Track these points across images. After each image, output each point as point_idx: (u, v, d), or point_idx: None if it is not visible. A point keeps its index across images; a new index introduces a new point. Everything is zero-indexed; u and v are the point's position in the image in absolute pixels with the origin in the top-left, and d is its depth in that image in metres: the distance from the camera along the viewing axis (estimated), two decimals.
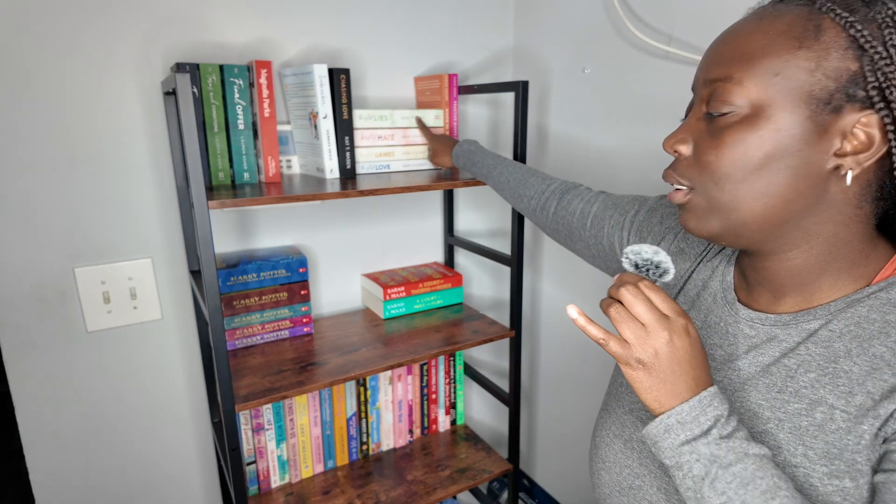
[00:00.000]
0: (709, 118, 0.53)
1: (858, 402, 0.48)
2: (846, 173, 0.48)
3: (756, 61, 0.49)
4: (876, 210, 0.51)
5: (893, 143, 0.46)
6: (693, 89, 0.56)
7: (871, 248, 0.52)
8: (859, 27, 0.45)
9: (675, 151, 0.56)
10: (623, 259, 0.59)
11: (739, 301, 0.61)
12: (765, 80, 0.48)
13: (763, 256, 0.55)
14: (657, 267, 0.57)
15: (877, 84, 0.45)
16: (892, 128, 0.46)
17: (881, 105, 0.46)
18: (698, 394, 0.51)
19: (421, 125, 1.23)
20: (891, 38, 0.45)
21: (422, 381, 1.39)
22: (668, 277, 0.57)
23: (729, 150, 0.51)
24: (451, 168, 1.25)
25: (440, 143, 1.20)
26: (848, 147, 0.47)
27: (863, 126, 0.46)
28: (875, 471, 0.47)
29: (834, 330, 0.52)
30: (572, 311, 0.55)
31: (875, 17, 0.45)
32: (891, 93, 0.45)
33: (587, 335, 0.52)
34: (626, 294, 0.53)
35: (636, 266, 0.57)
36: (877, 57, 0.45)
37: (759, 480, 0.47)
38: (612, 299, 0.55)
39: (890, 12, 0.45)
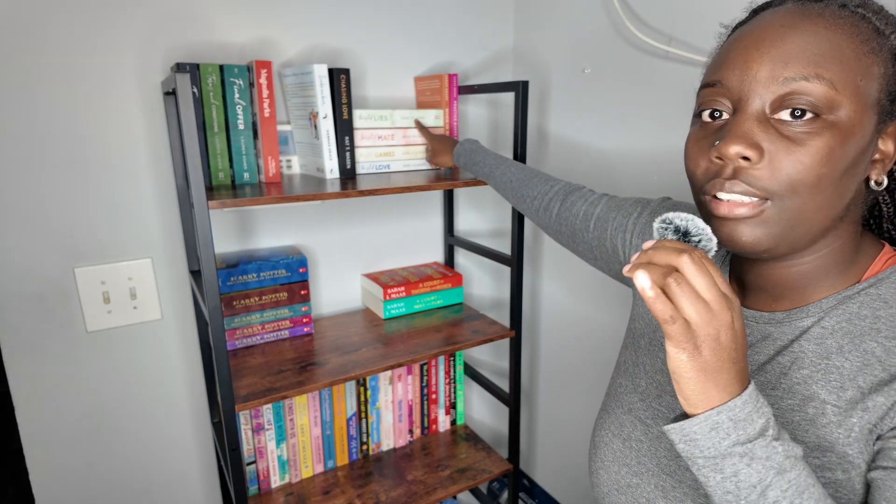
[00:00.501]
0: (777, 121, 0.47)
1: (849, 397, 0.49)
2: (881, 179, 0.50)
3: (842, 63, 0.45)
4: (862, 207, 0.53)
5: None
6: (726, 86, 0.50)
7: (859, 245, 0.54)
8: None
9: (745, 158, 0.47)
10: (661, 225, 0.50)
11: None
12: (852, 84, 0.45)
13: (777, 263, 0.54)
14: (710, 239, 0.48)
15: None
16: None
17: None
18: (746, 388, 0.45)
19: (419, 126, 1.23)
20: None
21: (422, 381, 1.39)
22: (713, 253, 0.49)
23: (821, 160, 0.45)
24: (450, 168, 1.25)
25: (440, 143, 1.20)
26: (877, 155, 0.49)
27: (890, 135, 0.49)
28: (870, 466, 0.48)
29: (826, 327, 0.52)
30: (644, 280, 0.44)
31: (891, 40, 0.48)
32: None
33: (652, 310, 0.44)
34: (691, 265, 0.44)
35: (685, 234, 0.49)
36: None
37: (812, 488, 0.44)
38: (659, 266, 0.45)
39: None
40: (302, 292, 1.18)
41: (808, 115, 0.46)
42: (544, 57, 1.38)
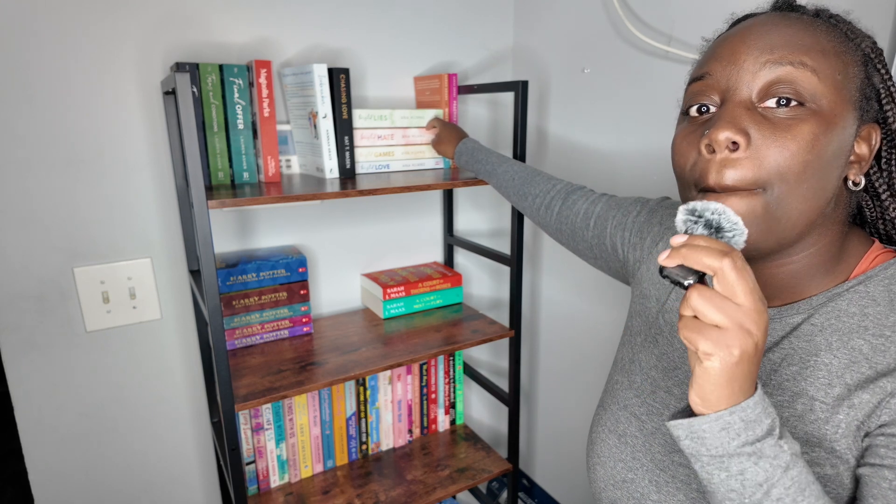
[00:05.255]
0: (763, 109, 0.48)
1: (836, 394, 0.50)
2: (858, 179, 0.52)
3: (825, 56, 0.47)
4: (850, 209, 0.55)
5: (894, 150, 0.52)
6: (714, 77, 0.51)
7: (846, 244, 0.55)
8: (864, 46, 0.50)
9: (734, 144, 0.48)
10: (690, 217, 0.47)
11: None
12: (833, 77, 0.47)
13: (767, 262, 0.55)
14: (742, 233, 0.46)
15: (890, 100, 0.51)
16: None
17: (893, 118, 0.51)
18: (757, 390, 0.45)
19: (433, 120, 1.24)
20: (882, 64, 0.51)
21: (421, 380, 1.39)
22: (741, 247, 0.47)
23: (806, 145, 0.46)
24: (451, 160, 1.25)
25: (447, 131, 1.20)
26: (853, 156, 0.51)
27: (863, 138, 0.51)
28: (859, 462, 0.48)
29: (815, 324, 0.53)
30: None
31: (870, 43, 0.51)
32: (892, 108, 0.51)
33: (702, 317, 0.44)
34: (731, 270, 0.42)
35: (718, 229, 0.46)
36: (886, 77, 0.51)
37: (812, 485, 0.44)
38: (692, 272, 0.44)
39: (870, 42, 0.51)
40: (301, 292, 1.18)
41: (793, 103, 0.47)
42: (544, 57, 1.38)
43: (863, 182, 0.52)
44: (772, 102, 0.48)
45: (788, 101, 0.47)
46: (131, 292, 1.12)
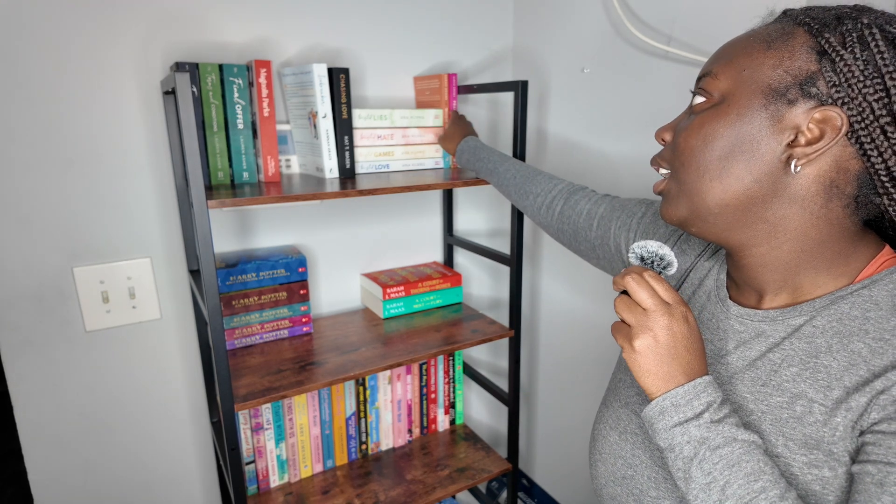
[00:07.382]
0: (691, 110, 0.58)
1: (835, 396, 0.50)
2: (793, 163, 0.51)
3: (732, 59, 0.54)
4: (853, 213, 0.53)
5: (864, 140, 0.49)
6: None
7: (852, 248, 0.54)
8: (827, 35, 0.49)
9: (662, 140, 0.61)
10: (629, 254, 0.61)
11: (731, 298, 0.63)
12: (735, 74, 0.53)
13: (738, 253, 0.58)
14: (661, 259, 0.59)
15: (835, 83, 0.49)
16: (856, 121, 0.49)
17: (844, 100, 0.49)
18: (693, 379, 0.53)
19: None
20: (851, 47, 0.49)
21: (421, 380, 1.39)
22: (672, 270, 0.59)
23: (696, 132, 0.55)
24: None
25: (455, 126, 1.22)
26: (802, 140, 0.50)
27: (815, 122, 0.50)
28: (853, 461, 0.49)
29: (817, 326, 0.54)
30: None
31: (842, 31, 0.50)
32: (851, 90, 0.48)
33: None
34: (630, 282, 0.56)
35: (642, 259, 0.60)
36: (837, 59, 0.49)
37: (744, 463, 0.49)
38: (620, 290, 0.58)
39: (858, 25, 0.49)
40: (301, 292, 1.18)
41: (701, 100, 0.56)
42: (544, 57, 1.38)
43: (793, 165, 0.50)
44: (695, 101, 0.57)
45: (701, 98, 0.56)
46: (131, 292, 1.12)
